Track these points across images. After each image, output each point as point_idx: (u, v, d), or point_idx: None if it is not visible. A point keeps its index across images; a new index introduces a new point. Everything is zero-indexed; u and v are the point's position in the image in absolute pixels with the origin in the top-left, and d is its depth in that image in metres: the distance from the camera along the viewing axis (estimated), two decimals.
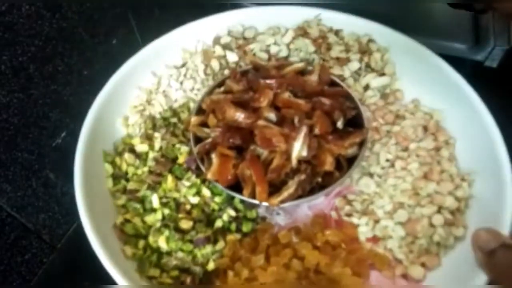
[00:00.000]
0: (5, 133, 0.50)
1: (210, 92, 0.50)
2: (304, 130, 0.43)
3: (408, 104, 0.53)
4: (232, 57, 0.55)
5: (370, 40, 0.57)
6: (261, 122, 0.44)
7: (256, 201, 0.42)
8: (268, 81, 0.47)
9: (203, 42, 0.57)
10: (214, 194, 0.46)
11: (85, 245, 0.46)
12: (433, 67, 0.52)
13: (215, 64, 0.55)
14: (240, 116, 0.44)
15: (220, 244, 0.44)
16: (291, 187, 0.42)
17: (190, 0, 0.66)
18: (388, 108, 0.52)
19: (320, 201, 0.47)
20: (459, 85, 0.50)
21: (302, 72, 0.51)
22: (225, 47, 0.56)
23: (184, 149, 0.48)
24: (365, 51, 0.56)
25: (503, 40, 0.63)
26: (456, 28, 0.56)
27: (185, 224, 0.44)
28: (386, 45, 0.57)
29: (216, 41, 0.57)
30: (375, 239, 0.45)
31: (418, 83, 0.54)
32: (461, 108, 0.49)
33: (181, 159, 0.47)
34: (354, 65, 0.55)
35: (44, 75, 0.52)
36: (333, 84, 0.51)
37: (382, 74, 0.56)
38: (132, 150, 0.49)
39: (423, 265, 0.42)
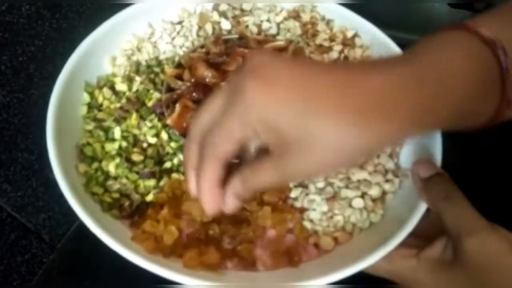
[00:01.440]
0: (5, 133, 0.51)
1: (193, 51, 0.53)
2: None
3: None
4: (226, 25, 0.57)
5: (356, 35, 0.58)
6: (223, 84, 0.47)
7: None
8: (242, 50, 0.50)
9: (203, 6, 0.58)
10: (171, 139, 0.49)
11: (86, 245, 0.46)
12: None
13: (209, 27, 0.56)
14: (208, 74, 0.47)
15: (164, 181, 0.46)
16: None
17: None
18: None
19: None
20: None
21: (282, 50, 0.53)
22: (222, 14, 0.58)
23: (156, 95, 0.50)
24: (348, 44, 0.57)
25: None
26: None
27: (136, 157, 0.47)
28: (368, 43, 0.57)
29: (215, 7, 0.59)
30: (302, 210, 0.47)
31: None
32: None
33: (150, 103, 0.50)
34: (333, 55, 0.56)
35: (44, 75, 0.53)
36: None
37: None
38: (112, 87, 0.51)
39: (335, 239, 0.45)
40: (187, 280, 0.38)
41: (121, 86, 0.51)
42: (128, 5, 0.54)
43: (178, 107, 0.46)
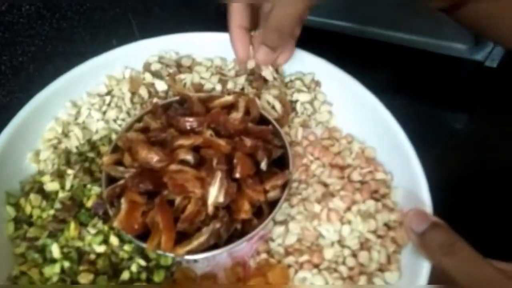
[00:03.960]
0: None
1: (129, 128, 0.45)
2: (219, 174, 0.39)
3: (341, 140, 0.51)
4: (161, 85, 0.51)
5: (316, 81, 0.53)
6: (173, 167, 0.40)
7: (161, 252, 0.39)
8: (187, 119, 0.44)
9: (131, 68, 0.53)
10: (123, 242, 0.42)
11: None
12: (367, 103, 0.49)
13: (143, 92, 0.50)
14: (152, 158, 0.40)
15: None
16: (202, 236, 0.39)
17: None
18: (321, 143, 0.50)
19: (240, 247, 0.44)
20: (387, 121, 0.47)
21: (232, 106, 0.47)
22: (155, 74, 0.52)
23: (95, 190, 0.43)
24: (303, 90, 0.52)
25: None
26: (456, 28, 0.55)
27: (84, 278, 0.40)
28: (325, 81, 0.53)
29: (146, 67, 0.53)
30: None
31: (350, 117, 0.51)
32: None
33: (89, 203, 0.43)
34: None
35: (44, 75, 0.52)
36: (263, 120, 0.47)
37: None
38: (41, 190, 0.44)
39: None
40: None
41: (51, 186, 0.44)
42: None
43: (124, 203, 0.39)
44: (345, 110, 0.51)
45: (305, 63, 0.53)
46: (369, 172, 0.47)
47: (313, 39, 0.50)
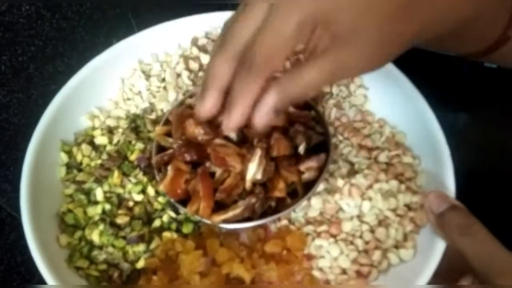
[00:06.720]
0: (5, 133, 0.51)
1: (181, 103, 0.48)
2: (259, 152, 0.41)
3: (374, 124, 0.51)
4: (206, 59, 0.53)
5: None
6: (217, 141, 0.42)
7: (199, 218, 0.41)
8: None
9: (179, 45, 0.55)
10: (158, 194, 0.45)
11: None
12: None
13: (194, 65, 0.53)
14: (199, 132, 0.42)
15: (155, 243, 0.44)
16: (238, 208, 0.41)
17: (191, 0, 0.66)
18: (352, 125, 0.51)
19: None
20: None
21: None
22: (201, 48, 0.54)
23: (139, 146, 0.47)
24: None
25: None
26: None
27: (121, 219, 0.44)
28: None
29: (194, 41, 0.55)
30: (309, 257, 0.44)
31: (385, 102, 0.52)
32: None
33: (133, 156, 0.47)
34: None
35: (44, 75, 0.52)
36: (307, 106, 0.49)
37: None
38: (91, 142, 0.48)
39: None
40: None
41: (101, 140, 0.48)
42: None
43: (170, 170, 0.42)
44: (380, 95, 0.51)
45: None
46: (396, 155, 0.47)
47: None
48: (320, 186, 0.45)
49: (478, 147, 0.63)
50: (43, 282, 0.43)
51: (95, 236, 0.43)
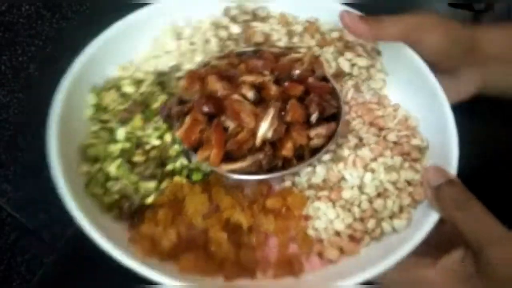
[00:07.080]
0: (5, 133, 0.51)
1: (206, 64, 0.52)
2: (272, 112, 0.44)
3: (388, 108, 0.52)
4: (235, 28, 0.56)
5: (377, 51, 0.54)
6: (235, 96, 0.45)
7: (207, 166, 0.45)
8: (256, 61, 0.49)
9: (212, 14, 0.57)
10: (174, 142, 0.48)
11: (86, 245, 0.46)
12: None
13: (223, 34, 0.56)
14: (219, 87, 0.46)
15: (165, 183, 0.46)
16: (246, 161, 0.44)
17: None
18: (367, 106, 0.52)
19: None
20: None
21: (297, 62, 0.51)
22: (232, 19, 0.57)
23: (162, 98, 0.50)
24: (363, 55, 0.54)
25: None
26: None
27: (138, 158, 0.47)
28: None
29: (227, 12, 0.58)
30: (307, 217, 0.46)
31: (403, 89, 0.53)
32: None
33: (155, 105, 0.50)
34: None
35: (44, 75, 0.53)
36: (324, 79, 0.51)
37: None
38: (119, 89, 0.51)
39: (340, 249, 0.44)
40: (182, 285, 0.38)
41: (128, 88, 0.51)
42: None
43: (188, 120, 0.45)
44: (399, 82, 0.52)
45: None
46: (405, 135, 0.48)
47: None
48: (327, 156, 0.47)
49: (478, 147, 0.63)
50: (43, 282, 0.45)
51: (112, 168, 0.46)
